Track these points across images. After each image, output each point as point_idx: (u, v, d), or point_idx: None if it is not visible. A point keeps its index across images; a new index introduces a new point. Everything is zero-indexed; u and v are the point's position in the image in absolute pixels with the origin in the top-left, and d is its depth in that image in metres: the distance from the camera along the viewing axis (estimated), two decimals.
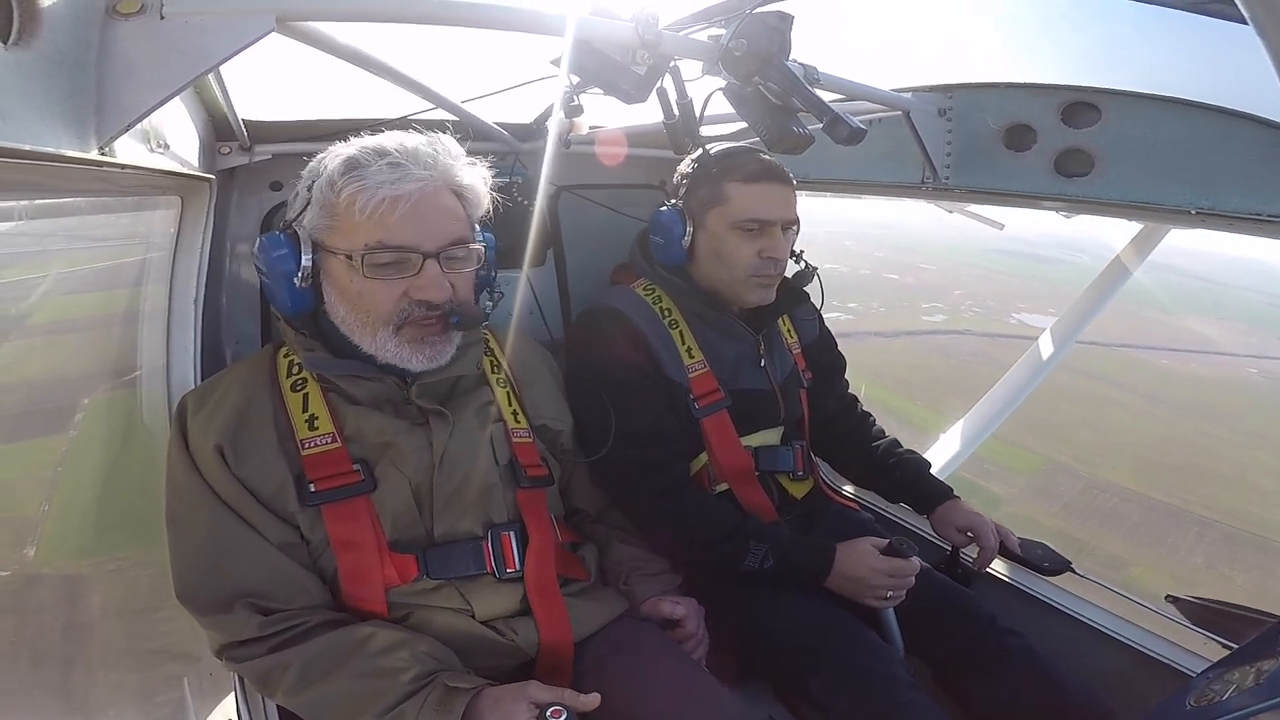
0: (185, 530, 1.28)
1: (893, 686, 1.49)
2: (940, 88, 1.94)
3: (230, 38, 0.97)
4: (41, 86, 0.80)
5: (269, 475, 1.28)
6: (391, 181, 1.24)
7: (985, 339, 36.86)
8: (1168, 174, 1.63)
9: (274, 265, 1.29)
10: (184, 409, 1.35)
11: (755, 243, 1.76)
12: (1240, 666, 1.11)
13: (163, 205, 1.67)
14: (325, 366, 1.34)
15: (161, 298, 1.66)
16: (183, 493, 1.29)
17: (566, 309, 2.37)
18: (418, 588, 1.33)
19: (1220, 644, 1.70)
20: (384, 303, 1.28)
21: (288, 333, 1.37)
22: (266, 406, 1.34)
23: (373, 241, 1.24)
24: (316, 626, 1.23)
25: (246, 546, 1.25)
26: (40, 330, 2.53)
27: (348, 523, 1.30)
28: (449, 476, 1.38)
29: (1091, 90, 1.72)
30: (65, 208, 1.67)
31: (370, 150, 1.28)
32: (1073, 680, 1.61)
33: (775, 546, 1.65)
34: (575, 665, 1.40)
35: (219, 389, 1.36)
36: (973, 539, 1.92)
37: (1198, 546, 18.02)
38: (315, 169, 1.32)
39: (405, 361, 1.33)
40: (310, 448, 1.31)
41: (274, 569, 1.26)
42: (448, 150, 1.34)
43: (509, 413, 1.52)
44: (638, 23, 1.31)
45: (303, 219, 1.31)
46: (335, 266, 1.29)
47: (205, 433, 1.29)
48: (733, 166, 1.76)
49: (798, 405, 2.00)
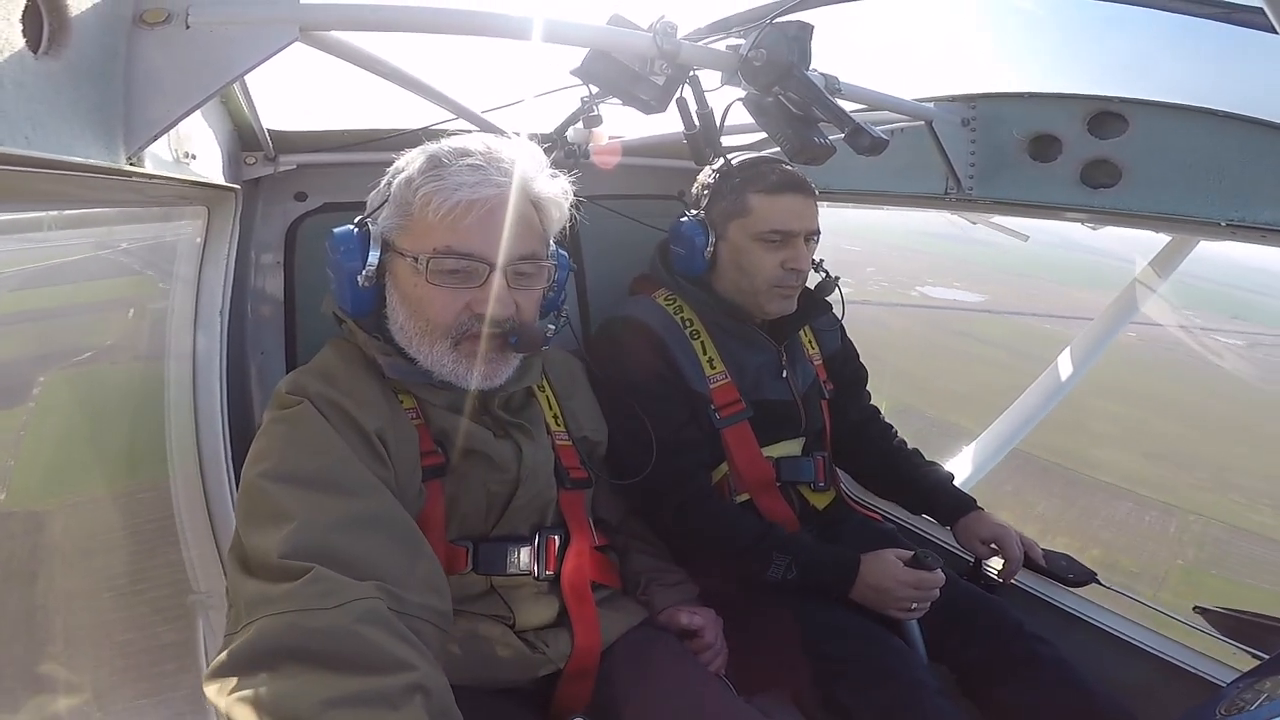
0: (322, 490, 1.06)
1: (919, 693, 1.47)
2: (963, 97, 1.93)
3: (254, 47, 0.98)
4: (70, 96, 0.80)
5: (413, 468, 1.24)
6: (471, 185, 1.19)
7: (883, 308, 38.92)
8: (1197, 185, 1.60)
9: (340, 261, 1.25)
10: (304, 389, 1.19)
11: (778, 254, 1.75)
12: (1271, 676, 1.09)
13: (189, 215, 1.69)
14: (406, 374, 1.29)
15: (188, 308, 1.67)
16: (317, 455, 1.10)
17: (586, 319, 2.38)
18: (465, 587, 1.33)
19: (1250, 654, 1.66)
20: (445, 313, 1.23)
21: (356, 333, 1.31)
22: (395, 397, 1.29)
23: (441, 246, 1.20)
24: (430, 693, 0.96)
25: (400, 524, 1.11)
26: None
27: (429, 503, 1.28)
28: (528, 489, 1.38)
29: (1118, 100, 1.69)
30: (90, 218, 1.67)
31: (453, 150, 1.24)
32: (1101, 689, 1.58)
33: (798, 558, 1.64)
34: (596, 673, 1.39)
35: (341, 372, 1.25)
36: (997, 550, 1.90)
37: (1011, 477, 19.59)
38: (399, 165, 1.29)
39: (460, 379, 1.27)
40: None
41: (421, 558, 1.10)
42: (532, 157, 1.30)
43: (550, 417, 1.53)
44: (656, 33, 1.31)
45: (378, 216, 1.28)
46: (401, 269, 1.26)
47: (362, 411, 1.18)
48: (755, 177, 1.76)
49: (819, 416, 1.99)
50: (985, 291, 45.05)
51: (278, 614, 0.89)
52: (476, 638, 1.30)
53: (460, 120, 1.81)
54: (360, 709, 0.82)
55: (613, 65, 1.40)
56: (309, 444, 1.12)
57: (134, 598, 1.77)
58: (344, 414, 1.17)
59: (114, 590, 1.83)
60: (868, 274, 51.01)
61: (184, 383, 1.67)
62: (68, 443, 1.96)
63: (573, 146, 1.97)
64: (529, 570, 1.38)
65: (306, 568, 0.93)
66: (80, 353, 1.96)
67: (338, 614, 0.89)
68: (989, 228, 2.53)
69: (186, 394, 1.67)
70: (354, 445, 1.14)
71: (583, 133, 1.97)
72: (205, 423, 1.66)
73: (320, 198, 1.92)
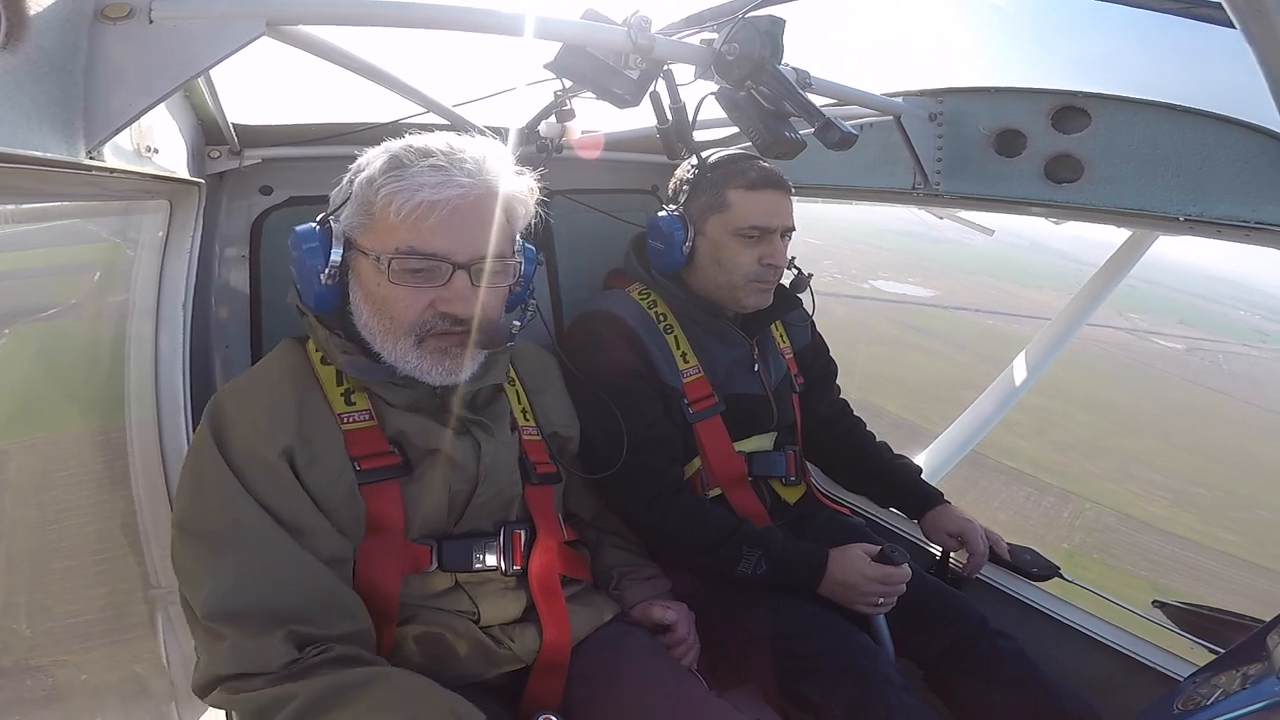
0: (219, 545, 1.15)
1: (886, 689, 1.50)
2: (931, 92, 1.95)
3: (220, 42, 0.96)
4: (29, 91, 0.79)
5: (338, 479, 1.23)
6: (433, 185, 1.18)
7: (830, 298, 41.12)
8: (1156, 180, 1.64)
9: (303, 257, 1.24)
10: (220, 411, 1.24)
11: (756, 249, 1.76)
12: (1227, 671, 1.12)
13: (151, 210, 1.65)
14: (365, 372, 1.29)
15: (150, 302, 1.64)
16: (216, 504, 1.17)
17: (559, 313, 2.37)
18: (429, 585, 1.33)
19: (1207, 649, 1.71)
20: (408, 311, 1.23)
21: (317, 329, 1.31)
22: (322, 404, 1.29)
23: (404, 246, 1.19)
24: (334, 660, 1.12)
25: (295, 564, 1.16)
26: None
27: (382, 505, 1.28)
28: (489, 486, 1.38)
29: (1082, 95, 1.72)
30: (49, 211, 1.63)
31: (416, 150, 1.22)
32: (1063, 684, 1.62)
33: (768, 553, 1.66)
34: (568, 669, 1.40)
35: (263, 387, 1.28)
36: (962, 544, 1.93)
37: (915, 456, 20.13)
38: (361, 164, 1.28)
39: (424, 374, 1.27)
40: (349, 423, 1.28)
41: (322, 589, 1.17)
42: (497, 156, 1.28)
43: (519, 411, 1.52)
44: (630, 27, 1.31)
45: (340, 214, 1.27)
46: (364, 267, 1.25)
47: (264, 438, 1.20)
48: (735, 173, 1.76)
49: (790, 410, 2.01)
50: (936, 288, 46.09)
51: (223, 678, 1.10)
52: (438, 633, 1.30)
53: (430, 114, 1.79)
54: None
55: (587, 59, 1.40)
56: (210, 492, 1.18)
57: (95, 587, 1.74)
58: (246, 445, 1.20)
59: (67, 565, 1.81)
60: (824, 267, 51.76)
61: (146, 377, 1.65)
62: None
63: (545, 141, 1.96)
64: (495, 566, 1.38)
65: (223, 634, 1.10)
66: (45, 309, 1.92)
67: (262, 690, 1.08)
68: (955, 222, 2.57)
69: (149, 388, 1.65)
70: (255, 480, 1.18)
71: (556, 127, 1.96)
72: (168, 416, 1.65)
73: (286, 191, 1.89)
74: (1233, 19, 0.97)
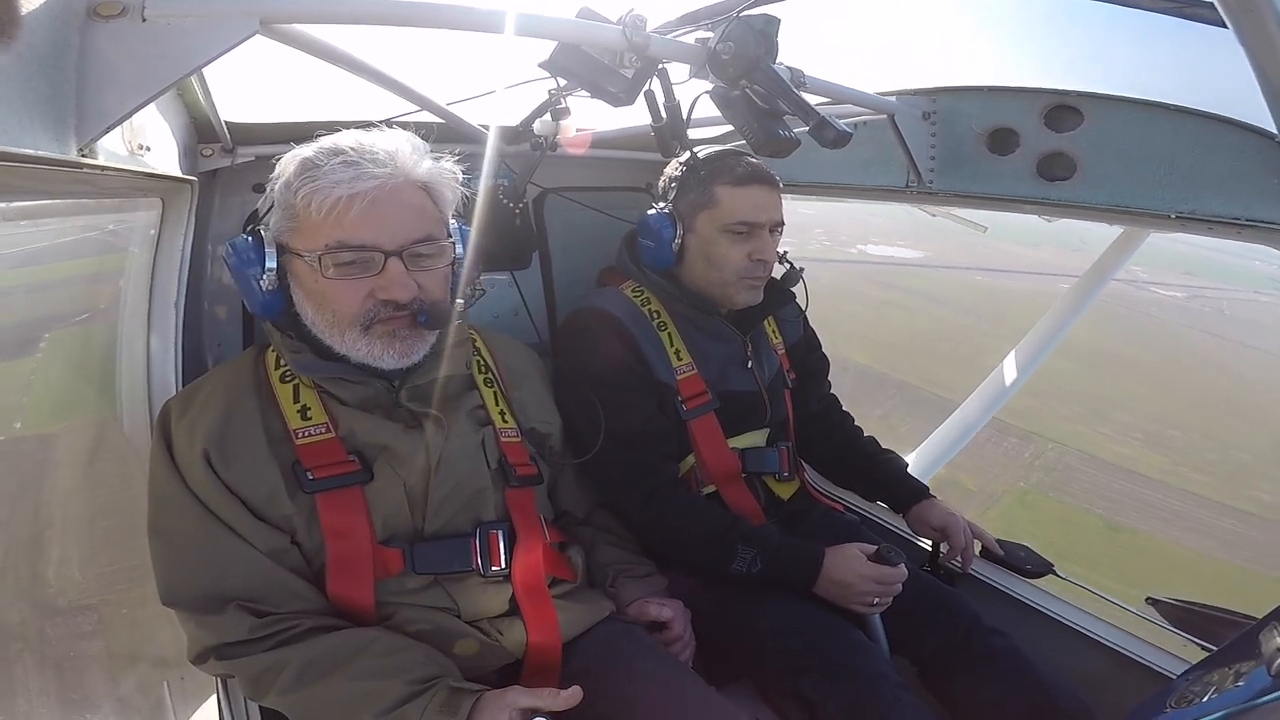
0: (171, 539, 1.26)
1: (880, 686, 1.50)
2: (924, 91, 1.95)
3: (213, 40, 0.96)
4: (20, 89, 0.78)
5: (259, 479, 1.27)
6: (347, 180, 1.21)
7: (816, 263, 38.33)
8: (1149, 178, 1.64)
9: (240, 267, 1.28)
10: (167, 415, 1.32)
11: (745, 245, 1.76)
12: (1220, 668, 1.12)
13: (144, 207, 1.65)
14: (312, 369, 1.32)
15: (142, 301, 1.64)
16: (167, 503, 1.26)
17: (553, 311, 2.37)
18: (404, 584, 1.33)
19: (1200, 646, 1.72)
20: (349, 303, 1.27)
21: (273, 334, 1.36)
22: (254, 408, 1.32)
23: (332, 242, 1.23)
24: (315, 629, 1.22)
25: (235, 555, 1.23)
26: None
27: (342, 512, 1.29)
28: (444, 480, 1.37)
29: (1074, 94, 1.73)
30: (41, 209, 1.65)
31: (325, 150, 1.26)
32: (1057, 681, 1.63)
33: (764, 551, 1.66)
34: (562, 667, 1.40)
35: (202, 392, 1.34)
36: (945, 538, 1.95)
37: (885, 403, 20.95)
38: (278, 171, 1.31)
39: (376, 360, 1.31)
40: (304, 437, 1.30)
41: (265, 576, 1.24)
42: (411, 146, 1.31)
43: (496, 413, 1.51)
44: (625, 26, 1.31)
45: (268, 220, 1.30)
46: (299, 268, 1.28)
47: (191, 438, 1.26)
48: (722, 170, 1.76)
49: (783, 406, 2.01)
50: (927, 250, 45.86)
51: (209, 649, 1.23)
52: (419, 628, 1.31)
53: (424, 113, 1.79)
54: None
55: (581, 58, 1.40)
56: (158, 491, 1.28)
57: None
58: (181, 445, 1.28)
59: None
60: (814, 235, 51.58)
61: (138, 375, 1.65)
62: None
63: (540, 139, 1.96)
64: (472, 568, 1.38)
65: (185, 617, 1.24)
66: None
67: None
68: (949, 219, 2.58)
69: (141, 387, 1.65)
70: (190, 477, 1.26)
71: (550, 125, 1.95)
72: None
73: None
74: (1224, 18, 0.98)
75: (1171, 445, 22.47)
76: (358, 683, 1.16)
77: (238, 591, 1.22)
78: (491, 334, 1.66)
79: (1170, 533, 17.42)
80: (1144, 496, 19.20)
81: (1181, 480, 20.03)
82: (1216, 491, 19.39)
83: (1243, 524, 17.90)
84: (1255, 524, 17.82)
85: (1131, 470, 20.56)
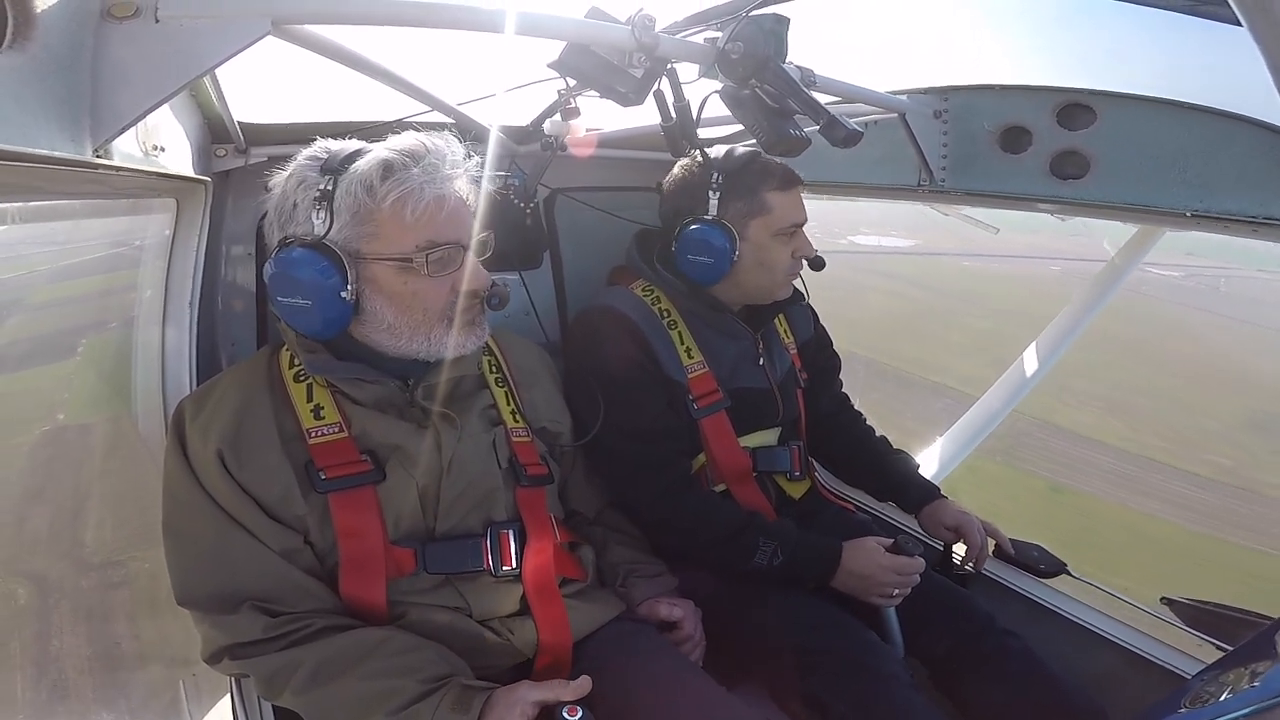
0: (185, 539, 1.28)
1: (893, 686, 1.49)
2: (936, 90, 1.95)
3: (226, 41, 0.96)
4: (35, 90, 0.79)
5: (272, 479, 1.27)
6: (434, 182, 1.26)
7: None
8: (1163, 176, 1.63)
9: (316, 282, 1.23)
10: (181, 415, 1.33)
11: (790, 245, 1.79)
12: (1235, 668, 1.11)
13: (158, 208, 1.66)
14: (327, 369, 1.33)
15: (157, 301, 1.65)
16: (181, 502, 1.28)
17: (563, 311, 2.37)
18: (416, 584, 1.34)
19: (1215, 646, 1.70)
20: (438, 299, 1.31)
21: (287, 333, 1.36)
22: (267, 408, 1.33)
23: (422, 242, 1.26)
24: (328, 629, 1.23)
25: (249, 555, 1.25)
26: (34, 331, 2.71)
27: (355, 512, 1.30)
28: (456, 480, 1.38)
29: (1087, 92, 1.72)
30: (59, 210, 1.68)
31: (402, 153, 1.27)
32: (1070, 682, 1.61)
33: (784, 544, 1.65)
34: (572, 667, 1.40)
35: (216, 393, 1.34)
36: (960, 538, 1.94)
37: (848, 379, 20.41)
38: (308, 181, 1.27)
39: (460, 348, 1.36)
40: (317, 437, 1.31)
41: (278, 576, 1.25)
42: (458, 148, 1.36)
43: (508, 413, 1.52)
44: (634, 25, 1.31)
45: (322, 230, 1.24)
46: (382, 273, 1.27)
47: (204, 438, 1.27)
48: (766, 175, 1.77)
49: (795, 405, 2.00)
50: (919, 239, 45.47)
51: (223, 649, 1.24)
52: (431, 627, 1.31)
53: (435, 113, 1.80)
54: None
55: (590, 58, 1.40)
56: (173, 490, 1.30)
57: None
58: (195, 444, 1.29)
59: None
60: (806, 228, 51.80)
61: (153, 374, 1.66)
62: None
63: (550, 139, 1.96)
64: (483, 568, 1.38)
65: (199, 617, 1.26)
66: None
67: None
68: (960, 219, 2.56)
69: (155, 386, 1.66)
70: (205, 477, 1.27)
71: (560, 125, 1.95)
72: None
73: None
74: (1238, 16, 0.97)
75: (1135, 412, 22.20)
76: (371, 682, 1.17)
77: (251, 591, 1.23)
78: (503, 334, 1.66)
79: (1117, 495, 17.26)
80: (1094, 460, 18.98)
81: (1140, 447, 19.84)
82: (1174, 458, 19.16)
83: (1195, 487, 17.74)
84: (1207, 486, 17.71)
85: (1086, 436, 20.35)
